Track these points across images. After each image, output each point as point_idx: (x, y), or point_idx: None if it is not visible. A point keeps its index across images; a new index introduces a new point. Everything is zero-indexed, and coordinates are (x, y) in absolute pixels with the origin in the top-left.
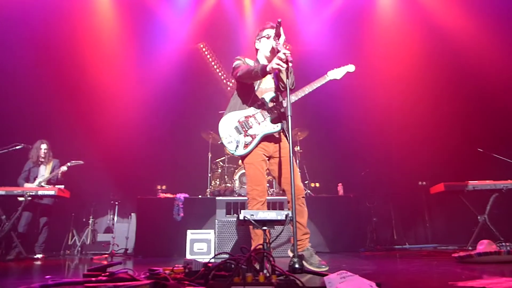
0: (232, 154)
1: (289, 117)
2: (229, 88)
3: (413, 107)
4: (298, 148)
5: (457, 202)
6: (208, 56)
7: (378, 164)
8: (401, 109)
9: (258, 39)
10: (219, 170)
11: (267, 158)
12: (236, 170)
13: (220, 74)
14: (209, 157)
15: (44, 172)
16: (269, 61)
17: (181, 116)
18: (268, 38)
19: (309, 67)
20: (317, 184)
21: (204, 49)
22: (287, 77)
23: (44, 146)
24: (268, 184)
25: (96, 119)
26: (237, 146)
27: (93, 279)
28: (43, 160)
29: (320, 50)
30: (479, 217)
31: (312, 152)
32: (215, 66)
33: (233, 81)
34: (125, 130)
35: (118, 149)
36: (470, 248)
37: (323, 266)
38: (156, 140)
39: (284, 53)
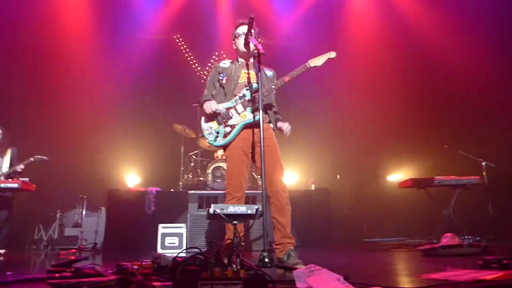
0: (211, 144)
1: (260, 111)
2: (202, 81)
3: (384, 102)
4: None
5: (424, 197)
6: (182, 48)
7: (349, 158)
8: (371, 103)
9: (233, 39)
10: (192, 164)
11: (250, 150)
12: (209, 164)
13: (194, 66)
14: (182, 150)
15: (1, 163)
16: (244, 57)
17: (154, 109)
18: (238, 37)
19: (285, 60)
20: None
21: (178, 41)
22: (259, 70)
23: None
24: None
25: (64, 110)
26: (217, 136)
27: (57, 275)
28: None
29: (296, 44)
30: (444, 211)
31: (286, 145)
32: (188, 58)
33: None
34: (94, 122)
35: (88, 141)
36: (435, 241)
37: (299, 264)
38: (128, 133)
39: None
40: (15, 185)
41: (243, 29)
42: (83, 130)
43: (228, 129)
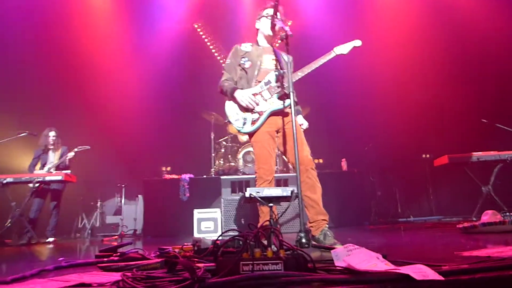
0: (239, 131)
1: (291, 93)
2: None
3: (415, 79)
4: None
5: (461, 174)
6: (203, 36)
7: (381, 137)
8: (403, 82)
9: (258, 19)
10: (223, 150)
11: (276, 133)
12: (239, 149)
13: (216, 54)
14: (212, 137)
15: (53, 158)
16: (269, 40)
17: (182, 97)
18: (267, 17)
19: (312, 41)
20: (321, 160)
21: (199, 30)
22: (287, 52)
23: (52, 133)
24: None
25: (100, 104)
26: (244, 123)
27: (105, 259)
28: (52, 147)
29: (322, 25)
30: (483, 188)
31: (315, 128)
32: (211, 47)
33: None
34: (128, 113)
35: (122, 132)
36: (474, 219)
37: (336, 244)
38: (159, 122)
39: (249, 99)
40: (59, 177)
41: (269, 11)
42: (118, 122)
43: (256, 115)
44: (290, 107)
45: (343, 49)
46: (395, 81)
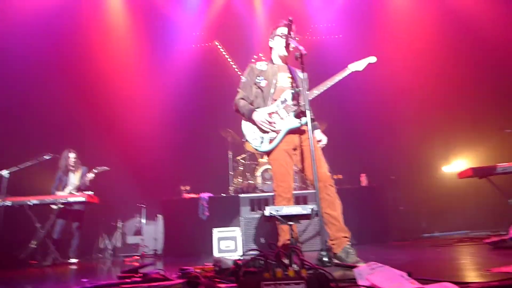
0: (257, 150)
1: (307, 111)
2: None
3: (434, 91)
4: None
5: (487, 186)
6: (224, 53)
7: (401, 151)
8: (422, 94)
9: (271, 38)
10: (241, 168)
11: (293, 150)
12: (257, 167)
13: (236, 70)
14: (230, 155)
15: (74, 179)
16: (283, 59)
17: (199, 116)
18: (281, 36)
19: (326, 56)
20: (340, 176)
21: (219, 47)
22: (303, 71)
23: (72, 155)
24: None
25: (117, 124)
26: (262, 141)
27: (128, 280)
28: (72, 168)
29: (335, 39)
30: (510, 201)
31: (333, 144)
32: (231, 62)
33: None
34: (146, 133)
35: (141, 152)
36: (503, 233)
37: (359, 263)
38: (177, 141)
39: (268, 122)
40: (82, 199)
41: (282, 30)
42: (136, 142)
43: (273, 134)
44: (307, 125)
45: (358, 66)
46: (414, 93)
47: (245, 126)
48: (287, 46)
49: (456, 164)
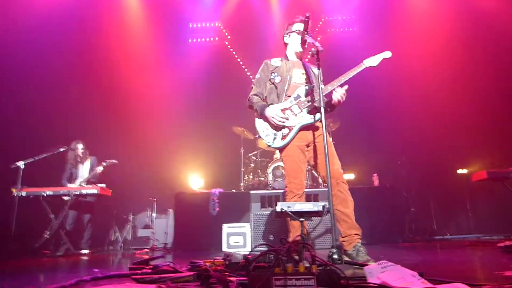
0: (270, 146)
1: (322, 108)
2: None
3: (449, 92)
4: (331, 139)
5: (501, 190)
6: (234, 52)
7: (414, 152)
8: (436, 95)
9: (287, 34)
10: (252, 165)
11: (306, 147)
12: (269, 164)
13: (246, 70)
14: (242, 151)
15: (83, 171)
16: (298, 55)
17: (212, 112)
18: (298, 33)
19: (341, 52)
20: (352, 175)
21: (229, 46)
22: (318, 67)
23: (80, 146)
24: None
25: (131, 118)
26: (275, 138)
27: (139, 271)
28: (80, 160)
29: (351, 35)
30: None
31: (345, 143)
32: (241, 62)
33: None
34: (160, 128)
35: (154, 146)
36: None
37: (370, 261)
38: (190, 137)
39: (279, 118)
40: (95, 191)
41: (298, 26)
42: (149, 137)
43: (286, 130)
44: (321, 121)
45: (373, 61)
46: (428, 93)
47: (259, 123)
48: (303, 42)
49: (472, 167)
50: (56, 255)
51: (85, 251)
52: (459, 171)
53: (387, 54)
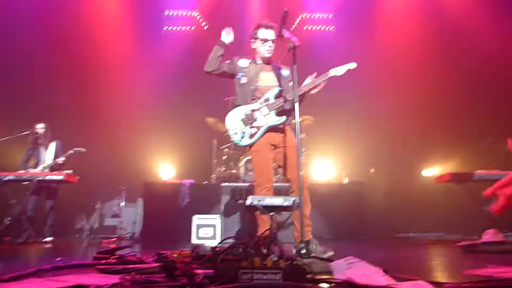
0: (238, 144)
1: (297, 104)
2: None
3: (419, 93)
4: (304, 135)
5: (463, 192)
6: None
7: (383, 151)
8: (407, 94)
9: (253, 39)
10: (225, 157)
11: (273, 147)
12: (241, 157)
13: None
14: (214, 143)
15: (45, 156)
16: (266, 61)
17: (186, 103)
18: (264, 42)
19: (319, 48)
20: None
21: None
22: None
23: (40, 126)
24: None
25: (100, 104)
26: (243, 136)
27: (103, 261)
28: (41, 141)
29: (328, 34)
30: (484, 208)
31: (317, 139)
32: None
33: None
34: (131, 116)
35: (124, 135)
36: (474, 237)
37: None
38: (162, 126)
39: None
40: (60, 177)
41: (264, 33)
42: (120, 124)
43: (254, 130)
44: (289, 124)
45: (338, 71)
46: (397, 95)
47: (228, 122)
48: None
49: (435, 168)
50: (17, 242)
51: (49, 239)
52: (424, 172)
53: (352, 66)
